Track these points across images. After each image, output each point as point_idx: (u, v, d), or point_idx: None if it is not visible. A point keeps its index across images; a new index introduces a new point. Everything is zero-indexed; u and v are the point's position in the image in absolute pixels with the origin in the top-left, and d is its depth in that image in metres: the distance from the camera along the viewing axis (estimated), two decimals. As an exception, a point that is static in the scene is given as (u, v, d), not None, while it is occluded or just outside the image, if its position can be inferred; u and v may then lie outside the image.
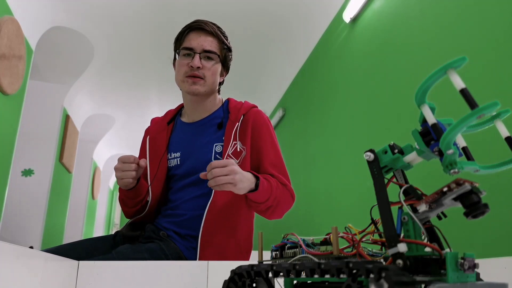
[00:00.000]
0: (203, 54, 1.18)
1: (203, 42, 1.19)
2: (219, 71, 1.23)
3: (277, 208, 1.14)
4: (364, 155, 0.48)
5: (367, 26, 2.29)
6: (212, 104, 1.27)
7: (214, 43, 1.21)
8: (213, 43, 1.20)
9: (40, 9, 2.72)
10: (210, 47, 1.19)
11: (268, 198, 1.08)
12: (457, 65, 0.40)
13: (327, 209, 2.60)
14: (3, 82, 2.30)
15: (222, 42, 1.22)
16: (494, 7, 1.34)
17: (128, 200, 1.19)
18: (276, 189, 1.11)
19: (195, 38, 1.19)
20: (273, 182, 1.11)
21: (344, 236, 0.55)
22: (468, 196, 0.41)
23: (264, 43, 3.29)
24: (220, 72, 1.25)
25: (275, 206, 1.13)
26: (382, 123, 2.01)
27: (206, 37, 1.20)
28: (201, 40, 1.19)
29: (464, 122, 0.38)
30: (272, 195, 1.09)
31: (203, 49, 1.18)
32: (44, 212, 3.49)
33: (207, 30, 1.20)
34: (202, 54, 1.18)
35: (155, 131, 1.31)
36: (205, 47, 1.19)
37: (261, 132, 1.21)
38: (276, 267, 0.47)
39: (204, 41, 1.19)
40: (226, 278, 0.53)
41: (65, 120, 3.98)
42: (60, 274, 0.75)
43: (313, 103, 3.08)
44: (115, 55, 3.51)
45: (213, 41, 1.21)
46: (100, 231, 6.97)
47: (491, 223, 1.20)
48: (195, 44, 1.18)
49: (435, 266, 0.42)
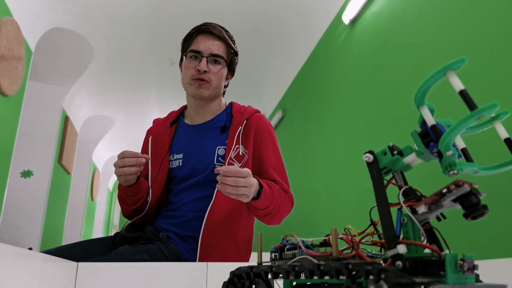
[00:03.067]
0: (210, 58, 1.19)
1: (211, 46, 1.19)
2: (224, 75, 1.24)
3: (276, 215, 1.14)
4: (364, 157, 0.49)
5: (367, 28, 2.29)
6: (216, 108, 1.27)
7: (221, 47, 1.21)
8: (220, 47, 1.21)
9: (39, 11, 2.72)
10: (217, 51, 1.20)
11: (268, 206, 1.08)
12: (456, 66, 0.40)
13: (326, 210, 2.60)
14: (2, 83, 2.30)
15: (229, 47, 1.23)
16: (493, 9, 1.34)
17: (128, 198, 1.19)
18: (278, 197, 1.11)
19: (203, 41, 1.20)
20: (275, 190, 1.11)
21: (344, 237, 0.55)
22: (468, 198, 0.41)
23: (263, 44, 3.30)
24: (225, 76, 1.25)
25: (274, 213, 1.13)
26: (382, 124, 2.01)
27: (214, 41, 1.20)
28: (209, 44, 1.19)
29: (463, 124, 0.38)
30: (272, 203, 1.09)
31: (210, 53, 1.19)
32: (43, 213, 3.49)
33: (215, 34, 1.20)
34: (209, 58, 1.19)
35: (157, 132, 1.30)
36: (213, 51, 1.19)
37: (264, 137, 1.22)
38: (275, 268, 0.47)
39: (212, 45, 1.20)
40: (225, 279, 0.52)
41: (64, 121, 3.98)
42: (59, 275, 0.75)
43: (313, 105, 3.08)
44: (114, 56, 3.51)
45: (221, 45, 1.21)
46: (99, 232, 6.96)
47: (490, 225, 1.21)
48: (203, 48, 1.19)
49: (435, 268, 0.42)
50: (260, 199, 1.04)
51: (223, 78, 1.24)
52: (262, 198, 1.04)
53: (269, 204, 1.08)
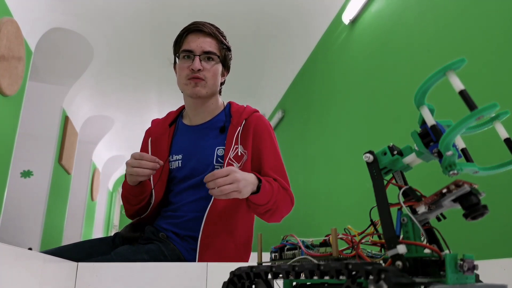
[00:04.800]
0: (203, 56, 1.19)
1: (202, 44, 1.19)
2: (220, 72, 1.24)
3: (276, 211, 1.14)
4: (364, 157, 0.48)
5: (367, 28, 2.29)
6: (214, 107, 1.27)
7: (213, 44, 1.21)
8: (212, 43, 1.20)
9: (39, 11, 2.72)
10: (209, 48, 1.19)
11: (268, 201, 1.09)
12: (456, 66, 0.40)
13: (326, 210, 2.60)
14: (2, 83, 2.30)
15: (221, 42, 1.22)
16: (493, 9, 1.34)
17: (132, 198, 1.19)
18: (277, 193, 1.11)
19: (194, 40, 1.19)
20: (275, 186, 1.12)
21: (344, 237, 0.55)
22: (467, 198, 0.41)
23: (263, 44, 3.30)
24: (221, 72, 1.25)
25: (274, 210, 1.13)
26: (382, 124, 2.01)
27: (205, 38, 1.20)
28: (200, 41, 1.19)
29: (463, 124, 0.38)
30: (272, 199, 1.09)
31: (202, 50, 1.18)
32: (43, 214, 3.49)
33: (205, 31, 1.20)
34: (202, 55, 1.18)
35: (156, 133, 1.30)
36: (205, 48, 1.19)
37: (262, 137, 1.22)
38: (275, 268, 0.47)
39: (203, 42, 1.19)
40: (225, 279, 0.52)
41: (64, 121, 3.98)
42: (59, 275, 0.75)
43: (313, 105, 3.08)
44: (114, 56, 3.51)
45: (212, 42, 1.21)
46: (99, 233, 6.96)
47: (490, 225, 1.21)
48: (194, 46, 1.18)
49: (435, 268, 0.42)
50: (260, 193, 1.04)
51: (218, 75, 1.23)
52: (262, 193, 1.05)
53: (269, 200, 1.08)
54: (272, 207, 1.11)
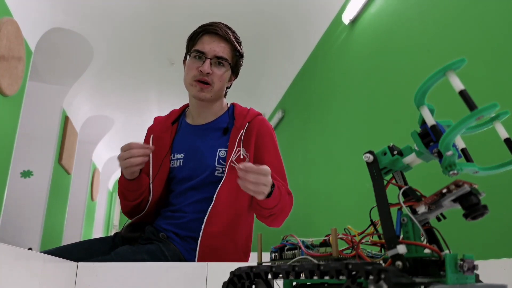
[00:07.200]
0: (214, 60, 1.17)
1: (216, 48, 1.18)
2: (227, 78, 1.23)
3: (279, 216, 1.14)
4: (364, 157, 0.49)
5: (366, 28, 2.29)
6: (218, 109, 1.27)
7: (226, 49, 1.20)
8: (225, 49, 1.19)
9: (39, 11, 2.72)
10: (222, 54, 1.18)
11: (275, 206, 1.08)
12: (456, 66, 0.40)
13: (326, 210, 2.60)
14: (2, 83, 2.30)
15: (234, 49, 1.22)
16: (493, 9, 1.34)
17: (129, 193, 1.18)
18: (284, 199, 1.11)
19: (209, 42, 1.18)
20: (283, 191, 1.12)
21: (344, 237, 0.55)
22: (467, 198, 0.41)
23: (263, 44, 3.30)
24: (229, 78, 1.24)
25: (278, 215, 1.13)
26: (382, 124, 2.01)
27: (219, 43, 1.19)
28: (214, 45, 1.18)
29: (463, 124, 0.38)
30: (279, 204, 1.09)
31: (214, 55, 1.17)
32: (43, 214, 3.49)
33: (221, 35, 1.19)
34: (213, 60, 1.17)
35: (159, 131, 1.30)
36: (217, 53, 1.18)
37: (265, 140, 1.22)
38: (275, 268, 0.47)
39: (217, 46, 1.18)
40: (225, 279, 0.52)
41: (64, 121, 3.98)
42: (59, 275, 0.75)
43: (313, 105, 3.08)
44: (114, 56, 3.51)
45: (226, 47, 1.20)
46: (99, 233, 6.96)
47: (490, 225, 1.20)
48: (207, 49, 1.17)
49: (435, 268, 0.42)
50: (271, 198, 1.04)
51: (226, 81, 1.22)
52: (273, 197, 1.04)
53: (276, 204, 1.08)
54: (277, 211, 1.11)
